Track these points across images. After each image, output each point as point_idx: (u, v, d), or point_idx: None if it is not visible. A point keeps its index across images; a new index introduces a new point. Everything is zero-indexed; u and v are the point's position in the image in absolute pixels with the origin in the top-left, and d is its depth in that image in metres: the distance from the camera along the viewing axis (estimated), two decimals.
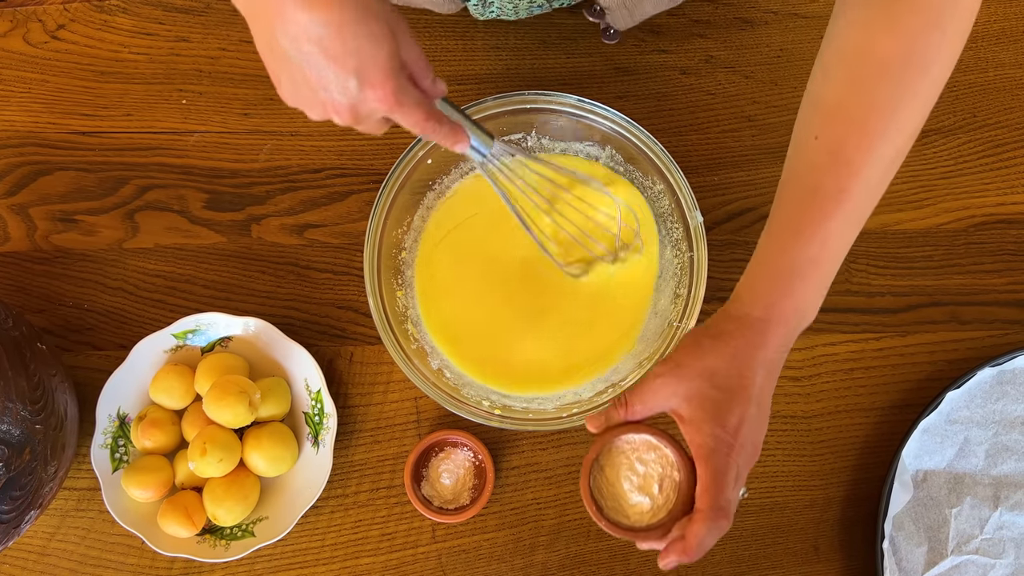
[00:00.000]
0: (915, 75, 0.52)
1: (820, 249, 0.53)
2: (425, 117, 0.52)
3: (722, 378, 0.53)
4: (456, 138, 0.56)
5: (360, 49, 0.47)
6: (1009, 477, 0.70)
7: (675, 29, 0.80)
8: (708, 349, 0.54)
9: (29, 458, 0.60)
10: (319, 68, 0.47)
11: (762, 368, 0.53)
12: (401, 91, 0.50)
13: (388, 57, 0.48)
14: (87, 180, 0.78)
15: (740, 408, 0.52)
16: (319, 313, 0.75)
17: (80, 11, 0.81)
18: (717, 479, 0.51)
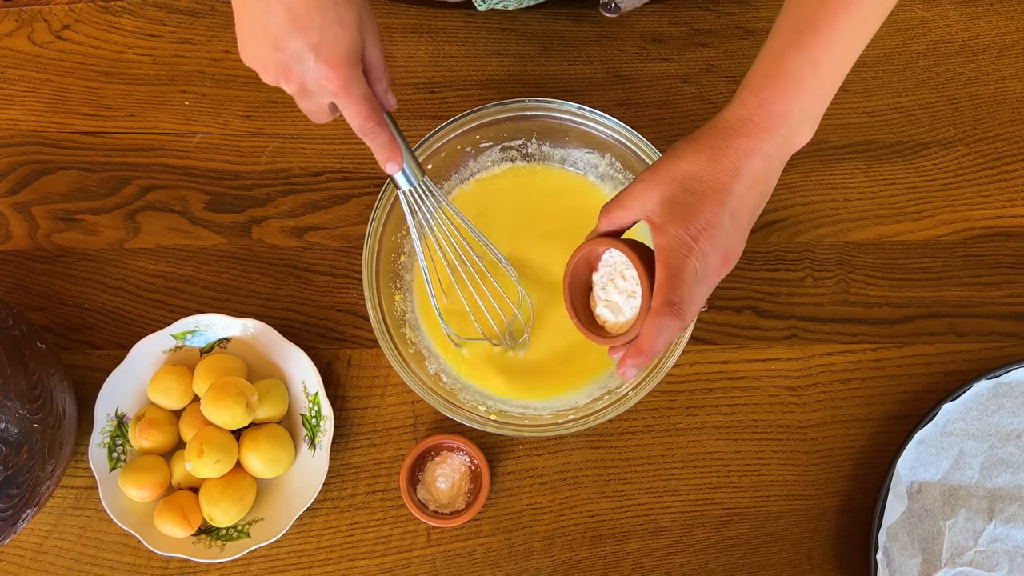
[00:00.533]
0: None
1: (823, 51, 0.51)
2: (367, 115, 0.53)
3: (695, 182, 0.51)
4: (391, 154, 0.57)
5: (326, 27, 0.49)
6: (1004, 490, 0.70)
7: (677, 38, 0.80)
8: (687, 153, 0.52)
9: (27, 456, 0.60)
10: (283, 31, 0.49)
11: (743, 175, 0.51)
12: (351, 79, 0.51)
13: (349, 43, 0.50)
14: (89, 180, 0.78)
15: (708, 211, 0.50)
16: (318, 316, 0.75)
17: (85, 11, 0.81)
18: (671, 277, 0.50)
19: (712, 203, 0.50)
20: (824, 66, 0.51)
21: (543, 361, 0.72)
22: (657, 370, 0.66)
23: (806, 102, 0.52)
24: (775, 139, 0.51)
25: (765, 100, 0.51)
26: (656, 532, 0.72)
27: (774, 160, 0.52)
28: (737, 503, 0.72)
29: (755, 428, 0.73)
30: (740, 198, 0.51)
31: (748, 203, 0.52)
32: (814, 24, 0.51)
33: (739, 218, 0.51)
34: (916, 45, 0.80)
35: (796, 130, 0.52)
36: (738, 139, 0.51)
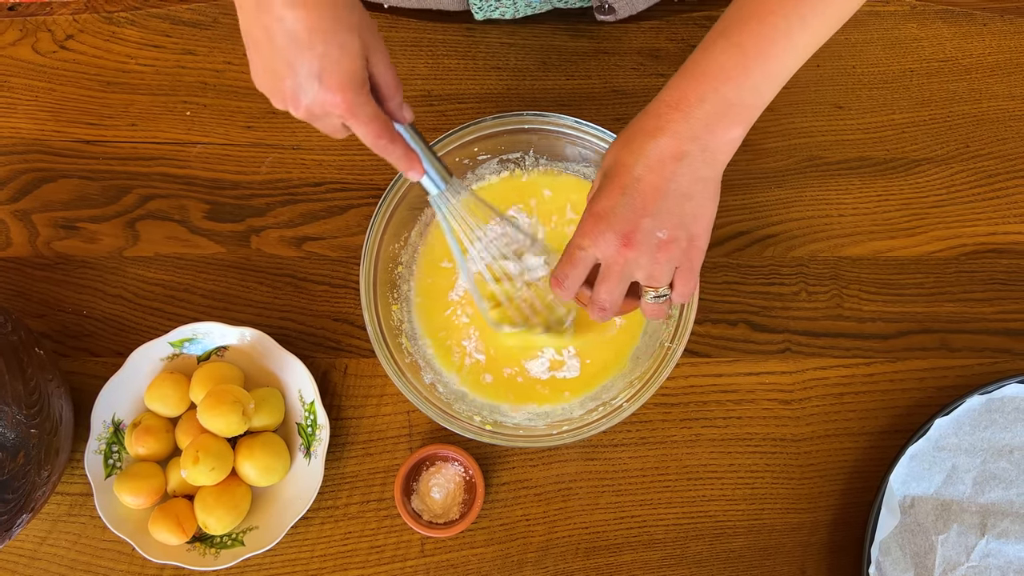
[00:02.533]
0: None
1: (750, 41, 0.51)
2: (377, 134, 0.54)
3: (609, 167, 0.55)
4: (409, 163, 0.58)
5: (327, 54, 0.50)
6: (996, 505, 0.70)
7: (674, 54, 0.81)
8: (614, 145, 0.56)
9: (23, 462, 0.61)
10: (287, 59, 0.50)
11: (648, 155, 0.52)
12: (357, 103, 0.52)
13: (351, 68, 0.51)
14: (90, 188, 0.79)
15: (609, 196, 0.54)
16: (315, 325, 0.76)
17: (89, 22, 0.82)
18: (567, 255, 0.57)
19: (615, 188, 0.53)
20: (752, 55, 0.51)
21: (539, 372, 0.72)
22: (651, 382, 0.66)
23: (728, 89, 0.51)
24: (688, 121, 0.52)
25: (681, 87, 0.52)
26: (650, 544, 0.72)
27: (686, 141, 0.52)
28: (731, 516, 0.72)
29: (749, 441, 0.73)
30: (637, 178, 0.53)
31: (649, 183, 0.52)
32: (743, 19, 0.52)
33: (635, 198, 0.53)
34: (910, 63, 0.81)
35: (717, 116, 0.51)
36: (648, 120, 0.53)
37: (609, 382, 0.71)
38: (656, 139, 0.52)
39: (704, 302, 0.75)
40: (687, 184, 0.53)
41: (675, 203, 0.53)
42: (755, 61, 0.51)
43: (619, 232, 0.54)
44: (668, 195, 0.53)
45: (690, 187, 0.53)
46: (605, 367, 0.72)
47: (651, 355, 0.69)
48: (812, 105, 0.80)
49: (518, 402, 0.72)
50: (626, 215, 0.53)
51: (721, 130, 0.52)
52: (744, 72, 0.52)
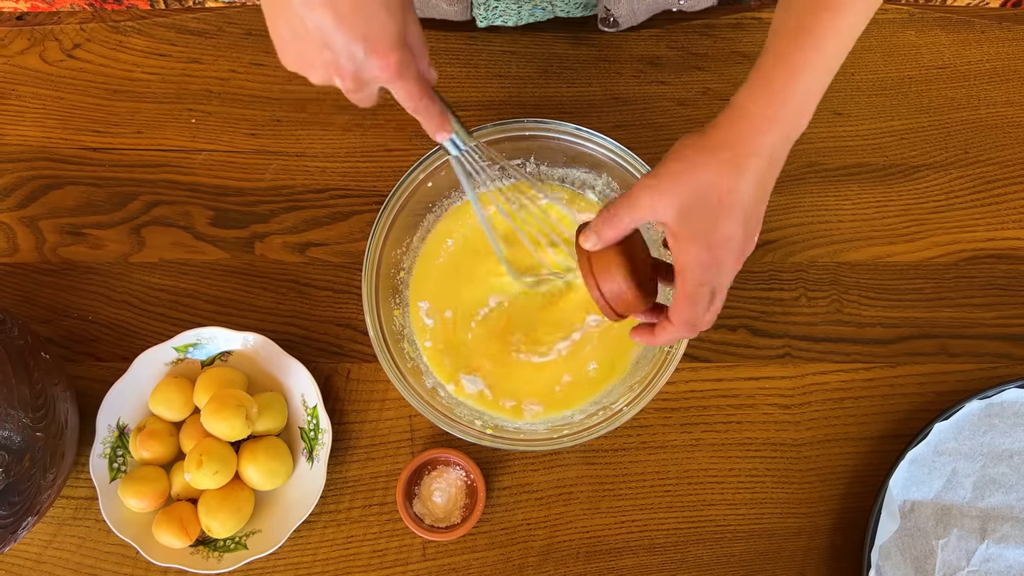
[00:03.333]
0: None
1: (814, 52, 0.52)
2: (421, 94, 0.54)
3: (711, 190, 0.52)
4: (442, 123, 0.58)
5: (372, 17, 0.48)
6: (996, 510, 0.70)
7: (674, 62, 0.82)
8: (699, 163, 0.53)
9: (28, 465, 0.61)
10: (329, 30, 0.48)
11: (752, 177, 0.52)
12: (404, 64, 0.51)
13: (397, 28, 0.50)
14: (96, 195, 0.80)
15: (726, 226, 0.52)
16: (318, 330, 0.76)
17: (96, 31, 0.83)
18: (689, 296, 0.54)
19: (729, 218, 0.52)
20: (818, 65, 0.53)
21: (540, 376, 0.73)
22: (651, 386, 0.67)
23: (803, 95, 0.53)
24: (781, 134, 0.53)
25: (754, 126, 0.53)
26: (650, 549, 0.72)
27: (780, 156, 0.54)
28: (731, 520, 0.72)
29: (749, 446, 0.74)
30: (752, 204, 0.53)
31: (758, 203, 0.54)
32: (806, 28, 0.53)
33: (750, 222, 0.54)
34: (909, 70, 0.82)
35: (782, 146, 0.53)
36: (746, 142, 0.52)
37: (610, 387, 0.72)
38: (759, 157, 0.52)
39: None
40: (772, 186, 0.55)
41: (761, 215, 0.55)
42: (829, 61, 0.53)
43: (738, 256, 0.54)
44: (758, 214, 0.55)
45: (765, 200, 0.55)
46: (606, 372, 0.72)
47: (652, 360, 0.69)
48: None
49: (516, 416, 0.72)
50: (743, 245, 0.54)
51: (782, 153, 0.54)
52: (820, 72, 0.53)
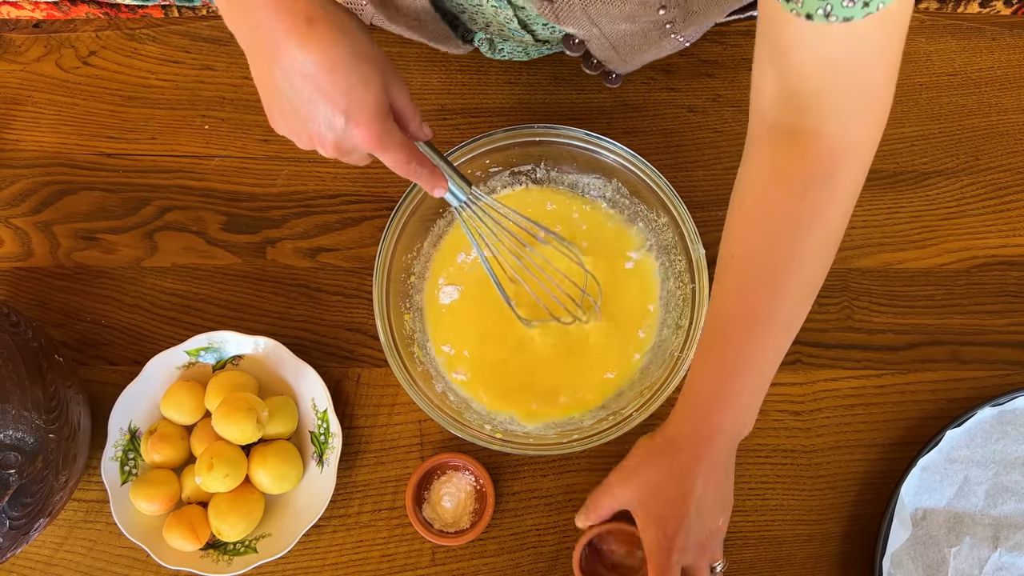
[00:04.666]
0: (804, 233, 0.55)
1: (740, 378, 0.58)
2: (407, 160, 0.55)
3: (664, 490, 0.59)
4: (435, 182, 0.59)
5: (350, 90, 0.50)
6: (1009, 518, 0.70)
7: (684, 69, 0.82)
8: (652, 464, 0.61)
9: (41, 466, 0.62)
10: (310, 102, 0.50)
11: (699, 480, 0.58)
12: (385, 133, 0.53)
13: (376, 99, 0.51)
14: (110, 200, 0.80)
15: (678, 518, 0.58)
16: (329, 335, 0.77)
17: (111, 39, 0.84)
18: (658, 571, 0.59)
19: (681, 510, 0.59)
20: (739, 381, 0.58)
21: (550, 382, 0.73)
22: (661, 391, 0.67)
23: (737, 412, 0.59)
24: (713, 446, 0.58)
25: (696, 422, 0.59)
26: None
27: (719, 456, 0.59)
28: (741, 527, 0.72)
29: (759, 452, 0.73)
30: (700, 498, 0.58)
31: (711, 497, 0.59)
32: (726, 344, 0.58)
33: (704, 513, 0.59)
34: (919, 77, 0.82)
35: (733, 432, 0.59)
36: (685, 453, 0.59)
37: (620, 392, 0.72)
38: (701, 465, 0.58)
39: None
40: (729, 479, 0.61)
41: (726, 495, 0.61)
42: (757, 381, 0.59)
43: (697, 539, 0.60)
44: (723, 493, 0.61)
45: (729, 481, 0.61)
46: (616, 377, 0.72)
47: (661, 365, 0.69)
48: None
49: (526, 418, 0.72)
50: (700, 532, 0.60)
51: (739, 435, 0.60)
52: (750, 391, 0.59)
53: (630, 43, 0.66)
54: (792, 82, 0.52)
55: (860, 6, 0.46)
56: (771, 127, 0.55)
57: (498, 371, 0.73)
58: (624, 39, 0.66)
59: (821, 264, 0.57)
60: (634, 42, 0.65)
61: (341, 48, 0.49)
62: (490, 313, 0.74)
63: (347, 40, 0.50)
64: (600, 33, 0.64)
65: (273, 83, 0.51)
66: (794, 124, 0.54)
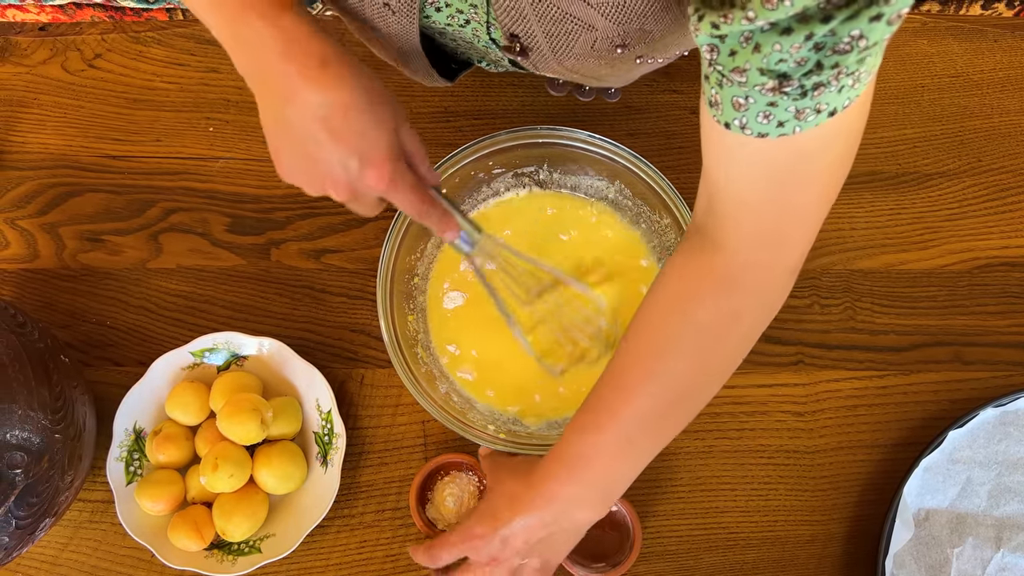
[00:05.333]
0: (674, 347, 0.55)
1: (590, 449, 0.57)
2: (420, 200, 0.55)
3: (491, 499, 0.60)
4: (446, 225, 0.58)
5: (365, 132, 0.49)
6: (1012, 518, 0.70)
7: (686, 71, 0.82)
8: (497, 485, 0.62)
9: (47, 466, 0.62)
10: (323, 145, 0.49)
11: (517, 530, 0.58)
12: (398, 174, 0.52)
13: (389, 141, 0.51)
14: (115, 202, 0.81)
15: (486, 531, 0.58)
16: (333, 336, 0.77)
17: (117, 41, 0.85)
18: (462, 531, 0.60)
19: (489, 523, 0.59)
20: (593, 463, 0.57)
21: (553, 383, 0.73)
22: None
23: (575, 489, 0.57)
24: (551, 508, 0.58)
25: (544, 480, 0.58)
26: (663, 555, 0.72)
27: (550, 525, 0.58)
28: (744, 528, 0.72)
29: (762, 453, 0.74)
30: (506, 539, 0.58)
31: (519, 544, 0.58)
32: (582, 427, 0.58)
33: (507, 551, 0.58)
34: (922, 79, 0.82)
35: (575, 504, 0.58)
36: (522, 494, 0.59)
37: None
38: (525, 516, 0.58)
39: None
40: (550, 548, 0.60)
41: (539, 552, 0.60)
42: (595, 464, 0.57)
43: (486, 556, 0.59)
44: (533, 549, 0.60)
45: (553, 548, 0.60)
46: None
47: None
48: None
49: (530, 414, 0.72)
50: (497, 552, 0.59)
51: (578, 514, 0.58)
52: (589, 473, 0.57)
53: (608, 73, 0.65)
54: (711, 187, 0.52)
55: (775, 124, 0.44)
56: (695, 227, 0.55)
57: (505, 370, 0.73)
58: (601, 73, 0.65)
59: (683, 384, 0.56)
60: (612, 72, 0.65)
61: (355, 90, 0.48)
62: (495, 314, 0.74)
63: (361, 82, 0.49)
64: (579, 74, 0.64)
65: (285, 126, 0.50)
66: (708, 230, 0.54)
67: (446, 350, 0.74)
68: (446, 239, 0.59)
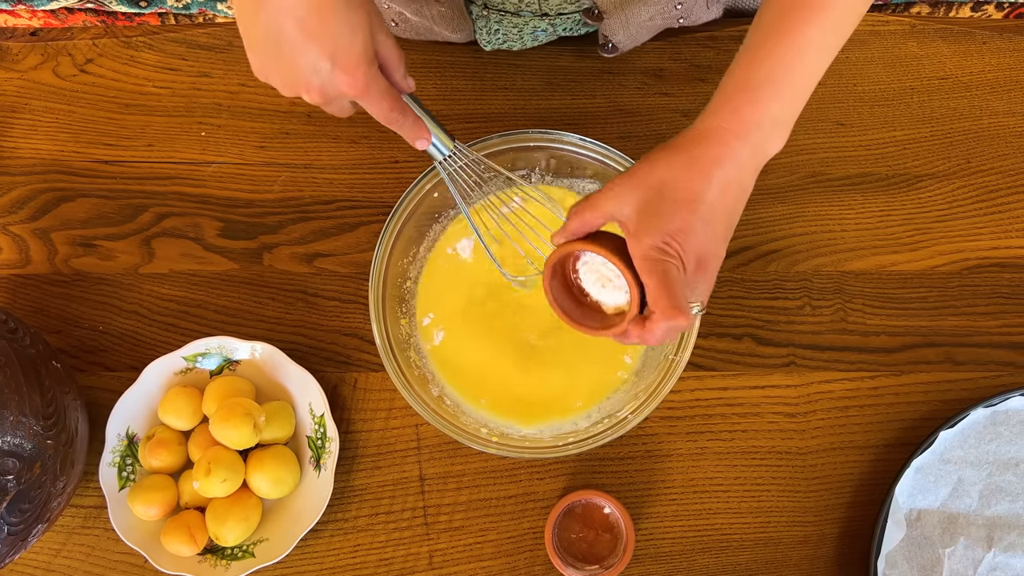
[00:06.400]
0: None
1: (795, 57, 0.51)
2: (390, 107, 0.55)
3: (670, 190, 0.52)
4: (418, 133, 0.59)
5: (338, 34, 0.50)
6: (1003, 518, 0.70)
7: (677, 73, 0.82)
8: (662, 161, 0.53)
9: (39, 472, 0.62)
10: (297, 46, 0.50)
11: (716, 183, 0.51)
12: (370, 79, 0.53)
13: (363, 45, 0.52)
14: (107, 207, 0.81)
15: (680, 218, 0.51)
16: (325, 340, 0.77)
17: (108, 46, 0.85)
18: (661, 284, 0.51)
19: (685, 211, 0.52)
20: (796, 71, 0.52)
21: (545, 385, 0.73)
22: (656, 394, 0.67)
23: (778, 108, 0.53)
24: (747, 146, 0.52)
25: (737, 107, 0.52)
26: (656, 557, 0.72)
27: (745, 166, 0.53)
28: (737, 529, 0.73)
29: (754, 454, 0.74)
30: (711, 205, 0.52)
31: (721, 210, 0.53)
32: (786, 29, 0.52)
33: (712, 224, 0.52)
34: (911, 81, 0.82)
35: (768, 136, 0.53)
36: (711, 147, 0.52)
37: (614, 395, 0.72)
38: (722, 166, 0.52)
39: (709, 316, 0.76)
40: (742, 202, 0.54)
41: (734, 219, 0.54)
42: (799, 76, 0.52)
43: (694, 255, 0.52)
44: (732, 214, 0.54)
45: (742, 203, 0.54)
46: (610, 380, 0.73)
47: (656, 368, 0.70)
48: (814, 123, 0.81)
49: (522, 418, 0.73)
50: (703, 243, 0.52)
51: (771, 147, 0.54)
52: (791, 88, 0.53)
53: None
54: None
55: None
56: None
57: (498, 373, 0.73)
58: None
59: None
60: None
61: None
62: (489, 317, 0.74)
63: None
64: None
65: (259, 26, 0.50)
66: None
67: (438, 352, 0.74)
68: (417, 146, 0.60)
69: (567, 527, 0.70)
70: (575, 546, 0.70)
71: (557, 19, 0.77)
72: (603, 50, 0.78)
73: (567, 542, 0.70)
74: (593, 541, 0.70)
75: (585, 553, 0.70)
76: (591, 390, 0.73)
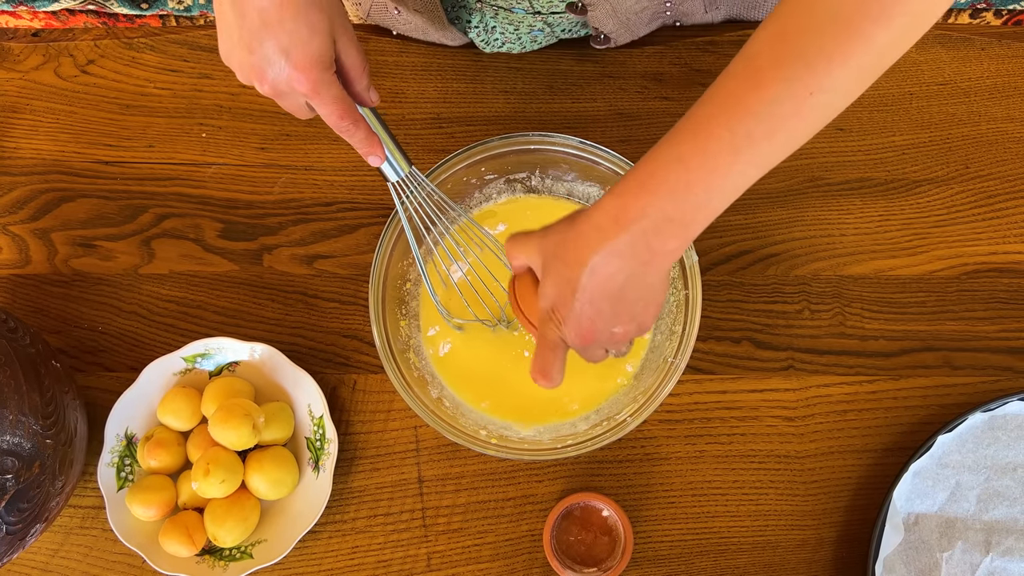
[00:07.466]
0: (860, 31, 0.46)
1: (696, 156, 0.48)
2: (340, 115, 0.56)
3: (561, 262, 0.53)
4: (370, 149, 0.59)
5: (295, 31, 0.51)
6: (1001, 523, 0.70)
7: (677, 78, 0.83)
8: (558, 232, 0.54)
9: (38, 471, 0.62)
10: (255, 35, 0.51)
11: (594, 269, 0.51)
12: (322, 83, 0.54)
13: (319, 48, 0.52)
14: (108, 207, 0.81)
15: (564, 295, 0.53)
16: (325, 341, 0.77)
17: (110, 47, 0.85)
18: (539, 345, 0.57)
19: (567, 288, 0.53)
20: (694, 170, 0.49)
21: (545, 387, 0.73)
22: (655, 397, 0.67)
23: (667, 205, 0.50)
24: (627, 235, 0.50)
25: (624, 198, 0.51)
26: (654, 560, 0.72)
27: (626, 256, 0.51)
28: (735, 532, 0.73)
29: (753, 458, 0.74)
30: (590, 290, 0.52)
31: (602, 295, 0.52)
32: (690, 129, 0.50)
33: (597, 304, 0.53)
34: (910, 86, 0.83)
35: (655, 231, 0.50)
36: (590, 233, 0.52)
37: (614, 398, 0.72)
38: (599, 253, 0.51)
39: (708, 320, 0.76)
40: (634, 292, 0.53)
41: (625, 306, 0.54)
42: (697, 175, 0.49)
43: (575, 330, 0.54)
44: (618, 301, 0.53)
45: (637, 294, 0.53)
46: (610, 383, 0.73)
47: (655, 370, 0.70)
48: None
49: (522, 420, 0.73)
50: (580, 319, 0.54)
51: (659, 244, 0.51)
52: (686, 188, 0.49)
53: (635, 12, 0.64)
54: None
55: None
56: None
57: (497, 376, 0.73)
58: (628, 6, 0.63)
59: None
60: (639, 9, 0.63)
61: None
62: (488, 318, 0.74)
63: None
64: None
65: (229, 13, 0.52)
66: None
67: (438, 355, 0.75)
68: (370, 163, 0.60)
69: (565, 530, 0.70)
70: (573, 549, 0.70)
71: (551, 17, 0.77)
72: (595, 41, 0.79)
73: (565, 545, 0.70)
74: (591, 544, 0.70)
75: (583, 556, 0.70)
76: (590, 393, 0.73)
